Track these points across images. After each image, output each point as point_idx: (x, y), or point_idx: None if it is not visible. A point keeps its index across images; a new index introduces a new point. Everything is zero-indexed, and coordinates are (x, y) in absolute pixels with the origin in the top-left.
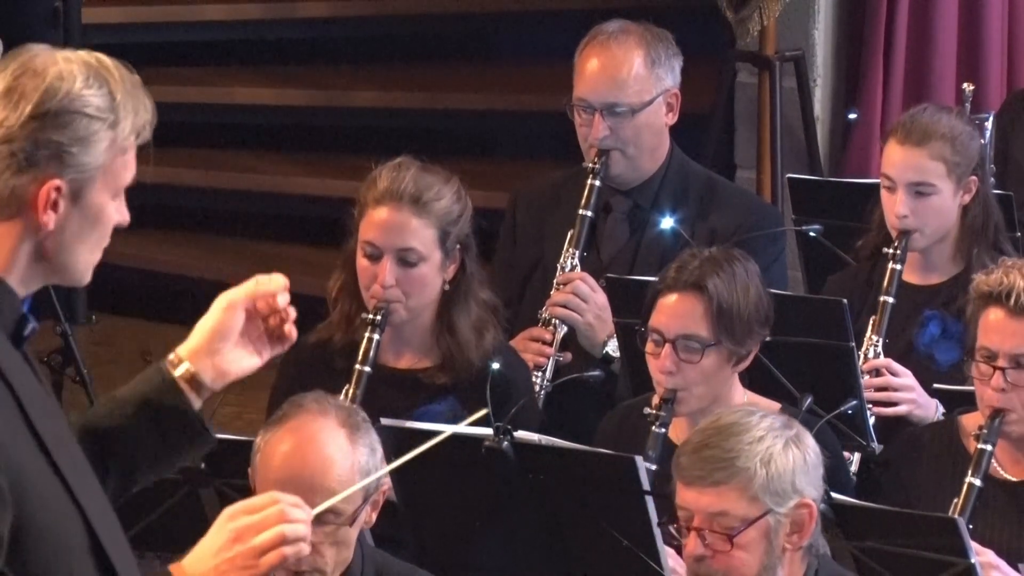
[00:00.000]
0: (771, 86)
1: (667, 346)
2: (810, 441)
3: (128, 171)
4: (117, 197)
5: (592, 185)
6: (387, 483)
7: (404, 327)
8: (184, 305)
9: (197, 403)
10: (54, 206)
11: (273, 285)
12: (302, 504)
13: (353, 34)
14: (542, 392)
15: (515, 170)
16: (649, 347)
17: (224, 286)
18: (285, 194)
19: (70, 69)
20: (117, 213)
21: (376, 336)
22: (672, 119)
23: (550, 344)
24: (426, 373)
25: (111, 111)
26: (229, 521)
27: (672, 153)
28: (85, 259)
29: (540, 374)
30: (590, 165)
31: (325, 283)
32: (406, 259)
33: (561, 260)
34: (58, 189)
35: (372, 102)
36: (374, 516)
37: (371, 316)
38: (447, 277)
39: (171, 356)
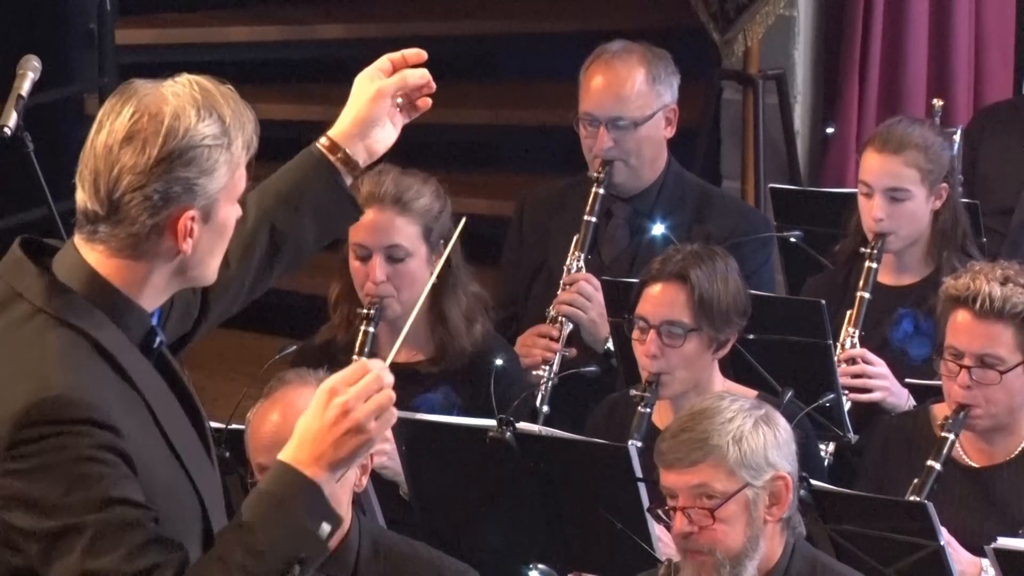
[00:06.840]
0: (754, 102)
1: (652, 332)
2: (780, 421)
3: (243, 180)
4: (235, 203)
5: (597, 193)
6: (376, 449)
7: (399, 322)
8: None
9: (349, 181)
10: (190, 233)
11: (418, 79)
12: (386, 369)
13: (367, 54)
14: (549, 384)
15: (518, 181)
16: (635, 334)
17: None
18: None
19: (182, 105)
20: (235, 213)
21: (371, 329)
22: (670, 132)
23: (556, 340)
24: (422, 365)
25: (225, 135)
26: (331, 396)
27: (669, 164)
28: (216, 264)
29: (547, 367)
30: (595, 174)
31: None
32: (394, 255)
33: (567, 262)
34: (192, 218)
35: None
36: (364, 480)
37: (365, 311)
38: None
39: (323, 142)
